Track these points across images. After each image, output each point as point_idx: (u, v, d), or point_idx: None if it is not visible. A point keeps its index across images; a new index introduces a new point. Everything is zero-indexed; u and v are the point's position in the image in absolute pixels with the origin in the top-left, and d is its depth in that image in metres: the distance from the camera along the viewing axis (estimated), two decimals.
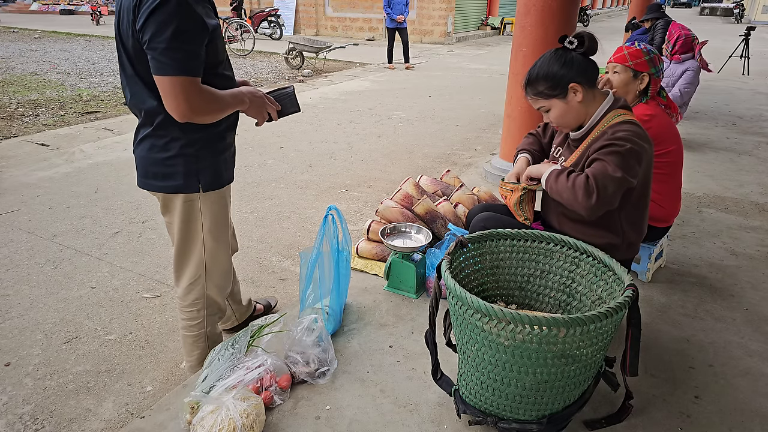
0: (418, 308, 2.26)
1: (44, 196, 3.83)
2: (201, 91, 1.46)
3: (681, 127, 5.18)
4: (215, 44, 1.53)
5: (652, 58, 2.27)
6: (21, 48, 11.88)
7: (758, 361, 1.96)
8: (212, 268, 1.84)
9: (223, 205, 1.78)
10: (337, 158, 4.83)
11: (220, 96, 1.53)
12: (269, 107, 1.71)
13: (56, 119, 6.17)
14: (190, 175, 1.62)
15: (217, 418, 1.48)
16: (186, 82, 1.41)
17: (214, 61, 1.55)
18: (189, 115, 1.46)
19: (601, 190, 1.62)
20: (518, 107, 3.65)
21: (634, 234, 1.84)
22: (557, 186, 1.73)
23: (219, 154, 1.68)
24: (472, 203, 2.84)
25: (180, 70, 1.39)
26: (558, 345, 1.33)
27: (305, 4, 16.84)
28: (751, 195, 3.68)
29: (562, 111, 1.77)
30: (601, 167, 1.65)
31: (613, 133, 1.70)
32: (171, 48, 1.37)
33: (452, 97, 7.63)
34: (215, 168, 1.68)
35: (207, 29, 1.44)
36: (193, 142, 1.60)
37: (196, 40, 1.42)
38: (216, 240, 1.80)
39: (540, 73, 1.74)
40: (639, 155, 1.68)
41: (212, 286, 1.87)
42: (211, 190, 1.69)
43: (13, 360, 2.19)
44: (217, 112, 1.54)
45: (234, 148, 1.82)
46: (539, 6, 3.33)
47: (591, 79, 1.75)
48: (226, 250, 1.88)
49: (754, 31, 9.98)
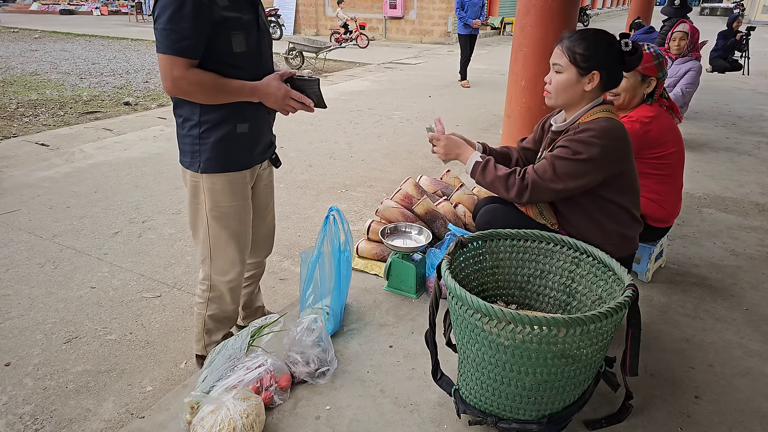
0: (418, 308, 2.26)
1: (44, 196, 3.83)
2: (188, 71, 1.54)
3: (681, 127, 5.18)
4: (227, 36, 1.59)
5: (660, 62, 2.27)
6: (21, 48, 11.88)
7: (758, 361, 1.96)
8: (216, 253, 1.86)
9: (229, 192, 1.78)
10: (337, 158, 4.83)
11: (216, 82, 1.59)
12: (294, 105, 1.72)
13: (56, 119, 6.17)
14: (193, 155, 1.72)
15: (217, 418, 1.48)
16: (172, 61, 1.52)
17: (227, 51, 1.61)
18: (173, 92, 1.58)
19: (534, 195, 1.75)
20: (518, 107, 3.65)
21: (624, 228, 1.83)
22: (484, 177, 1.83)
23: (225, 141, 1.71)
24: (472, 203, 2.84)
25: (168, 49, 1.51)
26: (558, 345, 1.33)
27: (305, 4, 16.84)
28: (751, 195, 3.68)
29: (568, 83, 1.76)
30: (543, 172, 1.73)
31: (579, 132, 1.71)
32: (166, 29, 1.50)
33: (452, 97, 7.63)
34: (218, 153, 1.71)
35: (206, 14, 1.51)
36: (200, 124, 1.68)
37: (193, 23, 1.50)
38: (219, 225, 1.81)
39: (588, 40, 1.72)
40: (597, 161, 1.68)
41: (217, 271, 1.89)
42: (209, 173, 1.73)
43: (13, 360, 2.19)
44: (208, 95, 1.61)
45: (256, 141, 1.81)
46: (539, 6, 3.33)
47: (609, 83, 1.77)
48: (235, 240, 1.86)
49: (754, 31, 9.98)
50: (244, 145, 1.77)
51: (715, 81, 8.46)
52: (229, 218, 1.82)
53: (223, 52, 1.61)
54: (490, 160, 1.86)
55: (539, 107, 3.55)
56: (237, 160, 1.77)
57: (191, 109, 1.67)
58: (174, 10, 1.48)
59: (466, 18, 7.98)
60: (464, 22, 8.04)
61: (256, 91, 1.68)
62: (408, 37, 15.59)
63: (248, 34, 1.65)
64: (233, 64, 1.64)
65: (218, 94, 1.62)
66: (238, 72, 1.65)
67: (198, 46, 1.55)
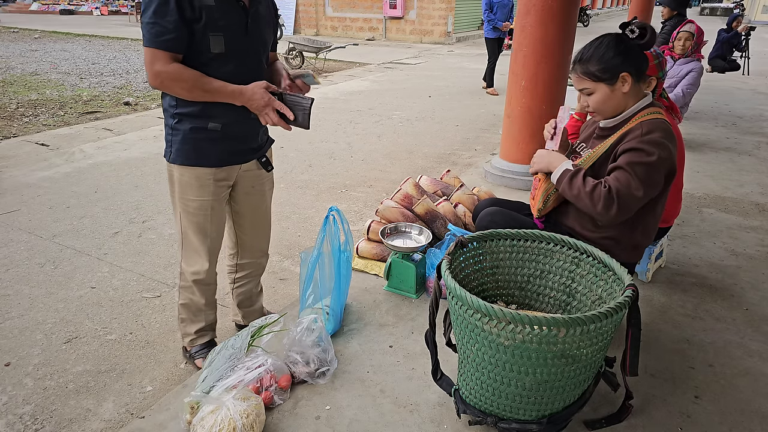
0: (418, 308, 2.26)
1: (44, 196, 3.83)
2: (169, 65, 1.58)
3: (681, 127, 5.17)
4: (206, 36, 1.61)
5: (660, 62, 2.27)
6: (21, 48, 11.88)
7: (758, 361, 1.96)
8: (185, 243, 1.93)
9: (196, 186, 1.81)
10: (337, 158, 4.83)
11: (197, 79, 1.62)
12: (273, 116, 1.73)
13: (56, 119, 6.17)
14: (167, 144, 1.80)
15: (217, 418, 1.48)
16: (154, 54, 1.58)
17: (204, 50, 1.63)
18: (154, 84, 1.63)
19: (623, 206, 1.63)
20: (518, 107, 3.65)
21: (641, 236, 1.83)
22: (570, 188, 1.72)
23: (194, 135, 1.75)
24: (472, 203, 2.84)
25: (151, 42, 1.57)
26: (558, 345, 1.33)
27: (305, 4, 16.84)
28: (751, 195, 3.68)
29: (604, 97, 1.74)
30: (626, 181, 1.63)
31: (646, 132, 1.66)
32: (150, 22, 1.55)
33: (452, 97, 7.63)
34: (186, 145, 1.76)
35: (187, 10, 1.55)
36: (176, 115, 1.74)
37: (177, 18, 1.55)
38: (186, 217, 1.87)
39: (596, 55, 1.70)
40: (666, 165, 1.66)
41: (185, 261, 1.96)
42: (177, 164, 1.79)
43: (13, 360, 2.19)
44: (188, 91, 1.65)
45: (233, 141, 1.82)
46: (539, 6, 3.33)
47: (641, 72, 1.73)
48: (201, 235, 1.89)
49: (754, 31, 9.98)
50: (215, 143, 1.78)
51: (715, 81, 8.46)
52: (195, 212, 1.85)
53: (200, 50, 1.63)
54: (581, 170, 1.74)
55: (539, 107, 3.55)
56: (206, 156, 1.78)
57: (170, 99, 1.73)
58: (158, 4, 1.53)
59: (495, 21, 7.41)
60: (493, 25, 7.47)
61: (238, 95, 1.69)
62: (408, 37, 15.59)
63: (231, 37, 1.66)
64: (207, 63, 1.65)
65: (198, 91, 1.65)
66: (213, 73, 1.66)
67: (181, 41, 1.58)
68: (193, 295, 1.99)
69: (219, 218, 1.91)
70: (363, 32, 16.17)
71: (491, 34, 7.53)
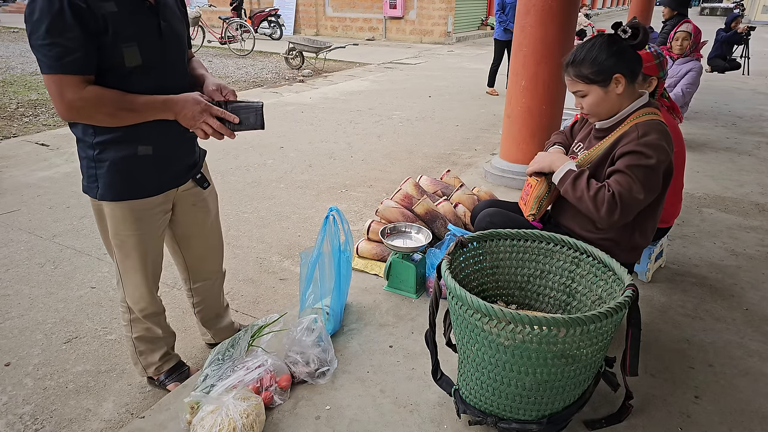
0: (418, 308, 2.26)
1: (44, 196, 3.83)
2: (83, 91, 1.34)
3: (681, 127, 5.17)
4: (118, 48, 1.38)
5: (660, 62, 2.28)
6: (21, 48, 11.87)
7: (758, 361, 1.96)
8: (125, 280, 1.75)
9: (131, 220, 1.60)
10: (337, 158, 4.83)
11: (120, 99, 1.40)
12: (213, 123, 1.49)
13: (56, 119, 6.17)
14: (90, 179, 1.55)
15: (217, 418, 1.48)
16: (61, 81, 1.32)
17: (116, 65, 1.40)
18: (68, 115, 1.38)
19: (625, 209, 1.64)
20: (518, 107, 3.65)
21: (640, 238, 1.83)
22: (574, 191, 1.72)
23: (124, 164, 1.52)
24: (472, 203, 2.84)
25: (53, 68, 1.31)
26: (558, 345, 1.33)
27: (305, 4, 16.84)
28: (751, 195, 3.68)
29: (598, 99, 1.74)
30: (628, 184, 1.63)
31: (643, 135, 1.66)
32: (45, 44, 1.28)
33: (452, 97, 7.63)
34: (116, 178, 1.52)
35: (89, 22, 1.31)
36: (96, 145, 1.49)
37: (79, 33, 1.30)
38: (122, 253, 1.67)
39: (588, 57, 1.70)
40: (664, 167, 1.67)
41: (129, 297, 1.79)
42: (107, 200, 1.56)
43: (13, 360, 2.19)
44: (111, 116, 1.41)
45: (166, 164, 1.62)
46: (539, 6, 3.33)
47: (635, 72, 1.72)
48: (141, 269, 1.71)
49: (754, 31, 9.98)
50: (149, 170, 1.57)
51: (715, 81, 8.46)
52: (131, 247, 1.65)
53: (112, 67, 1.39)
54: (585, 172, 1.73)
55: (539, 107, 3.55)
56: (140, 186, 1.57)
57: (85, 127, 1.47)
58: (51, 21, 1.26)
59: (506, 22, 7.03)
60: (504, 27, 7.09)
61: (169, 106, 1.46)
62: (408, 37, 15.59)
63: (146, 45, 1.44)
64: (124, 80, 1.42)
65: (123, 113, 1.41)
66: (133, 89, 1.43)
67: (89, 59, 1.34)
68: (147, 326, 1.87)
69: (157, 247, 1.74)
70: (363, 32, 16.17)
71: (502, 36, 7.22)
